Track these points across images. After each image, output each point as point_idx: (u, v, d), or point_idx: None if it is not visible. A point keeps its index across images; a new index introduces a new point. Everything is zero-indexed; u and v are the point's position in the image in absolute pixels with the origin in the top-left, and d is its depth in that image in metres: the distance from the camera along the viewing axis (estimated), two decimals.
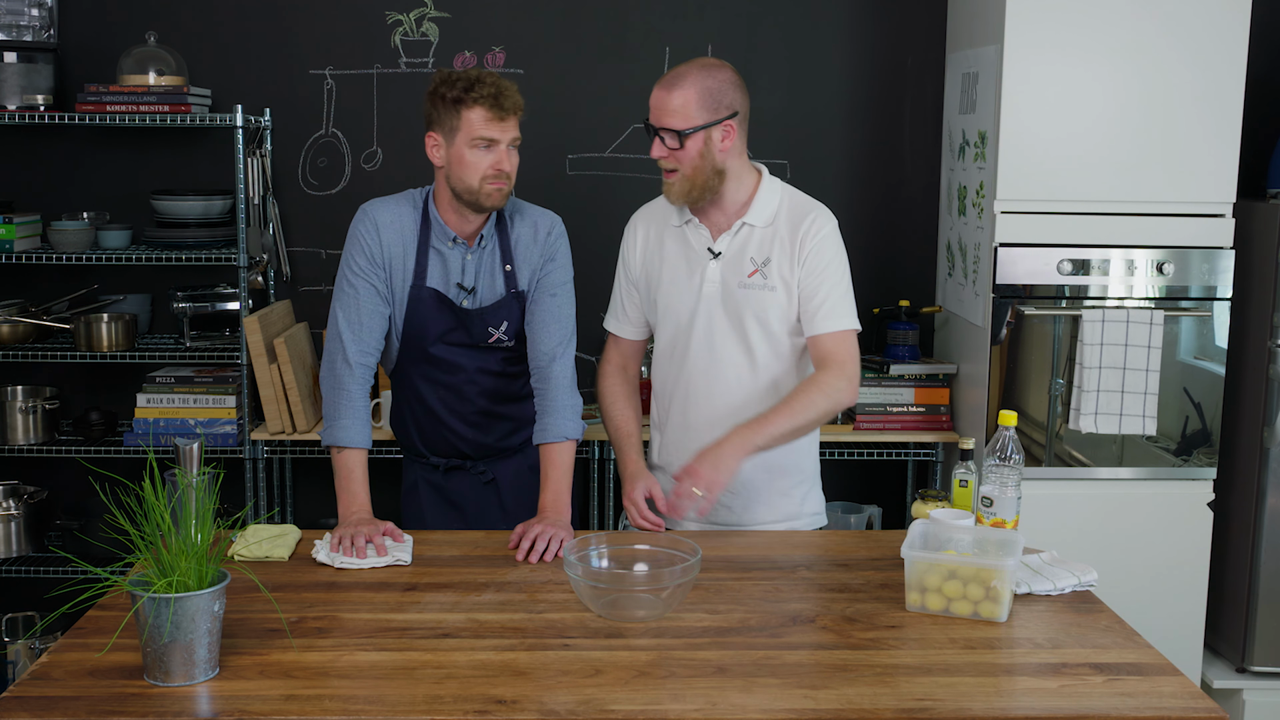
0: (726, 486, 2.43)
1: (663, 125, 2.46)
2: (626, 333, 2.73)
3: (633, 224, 2.71)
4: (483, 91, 2.43)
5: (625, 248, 2.70)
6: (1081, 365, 3.29)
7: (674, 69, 2.51)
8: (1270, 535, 3.35)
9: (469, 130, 2.44)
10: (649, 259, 2.65)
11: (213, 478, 2.04)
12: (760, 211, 2.56)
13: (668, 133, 2.46)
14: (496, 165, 2.47)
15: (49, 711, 1.72)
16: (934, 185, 3.86)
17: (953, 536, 2.20)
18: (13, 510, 3.61)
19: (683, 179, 2.50)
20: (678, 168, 2.49)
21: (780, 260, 2.55)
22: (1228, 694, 3.39)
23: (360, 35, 3.76)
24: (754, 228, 2.56)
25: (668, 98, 2.46)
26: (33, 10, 3.59)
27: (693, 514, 2.40)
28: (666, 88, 2.47)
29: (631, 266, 2.68)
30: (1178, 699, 1.80)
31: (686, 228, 2.60)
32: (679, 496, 2.38)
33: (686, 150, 2.46)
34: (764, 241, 2.56)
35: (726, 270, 2.57)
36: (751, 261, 2.56)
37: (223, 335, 3.66)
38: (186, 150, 3.79)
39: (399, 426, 2.79)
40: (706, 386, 2.60)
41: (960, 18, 3.65)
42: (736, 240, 2.57)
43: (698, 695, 1.79)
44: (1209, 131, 3.26)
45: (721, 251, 2.57)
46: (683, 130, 2.45)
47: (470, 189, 2.48)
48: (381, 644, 1.96)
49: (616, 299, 2.73)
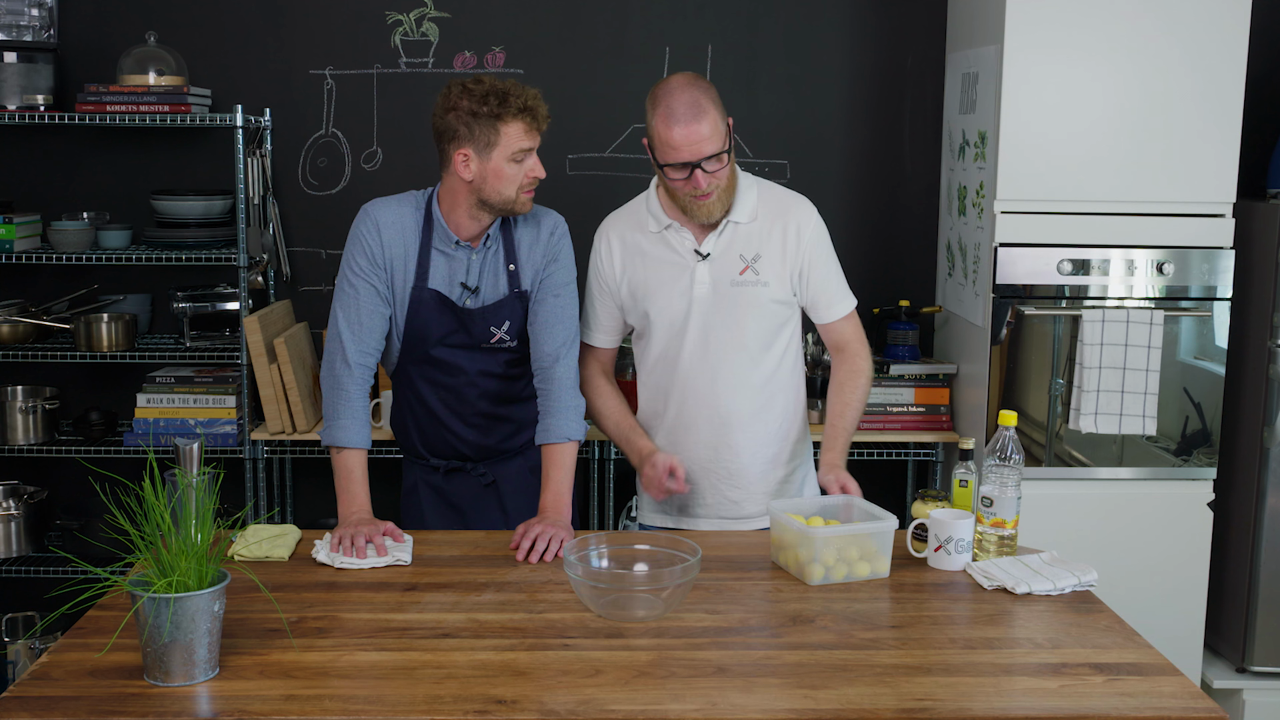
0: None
1: (704, 155, 2.43)
2: (602, 342, 2.74)
3: (604, 234, 2.69)
4: (518, 104, 2.42)
5: (599, 259, 2.68)
6: (1081, 365, 3.29)
7: (673, 100, 2.43)
8: (1270, 535, 3.35)
9: (508, 144, 2.43)
10: (629, 267, 2.64)
11: (213, 478, 2.04)
12: (743, 208, 2.59)
13: (712, 160, 2.44)
14: (532, 174, 2.48)
15: (49, 711, 1.72)
16: (934, 185, 3.86)
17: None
18: (13, 510, 3.61)
19: (721, 194, 2.51)
20: (716, 187, 2.49)
21: (771, 255, 2.58)
22: (1228, 694, 3.39)
23: (360, 35, 3.76)
24: (739, 224, 2.59)
25: (699, 128, 2.42)
26: (33, 10, 3.59)
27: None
28: (693, 121, 2.41)
29: (608, 277, 2.67)
30: (1178, 699, 1.80)
31: (667, 233, 2.61)
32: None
33: (727, 167, 2.49)
34: (751, 238, 2.59)
35: (716, 270, 2.58)
36: (741, 259, 2.58)
37: (223, 335, 3.66)
38: (186, 150, 3.79)
39: (399, 428, 2.79)
40: (705, 385, 2.62)
41: (960, 18, 3.65)
42: (723, 239, 2.58)
43: (698, 695, 1.79)
44: (1209, 131, 3.26)
45: (710, 252, 2.58)
46: (724, 150, 2.46)
47: (508, 200, 2.49)
48: (381, 644, 1.96)
49: (590, 310, 2.72)
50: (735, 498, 2.67)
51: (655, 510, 2.76)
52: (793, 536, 2.27)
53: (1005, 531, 2.31)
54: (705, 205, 2.50)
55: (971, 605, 2.16)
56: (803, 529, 2.24)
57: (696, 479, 2.67)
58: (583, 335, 2.73)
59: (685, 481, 2.57)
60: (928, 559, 2.34)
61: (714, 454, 2.65)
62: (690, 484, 2.65)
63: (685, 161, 2.44)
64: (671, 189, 2.51)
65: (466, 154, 2.45)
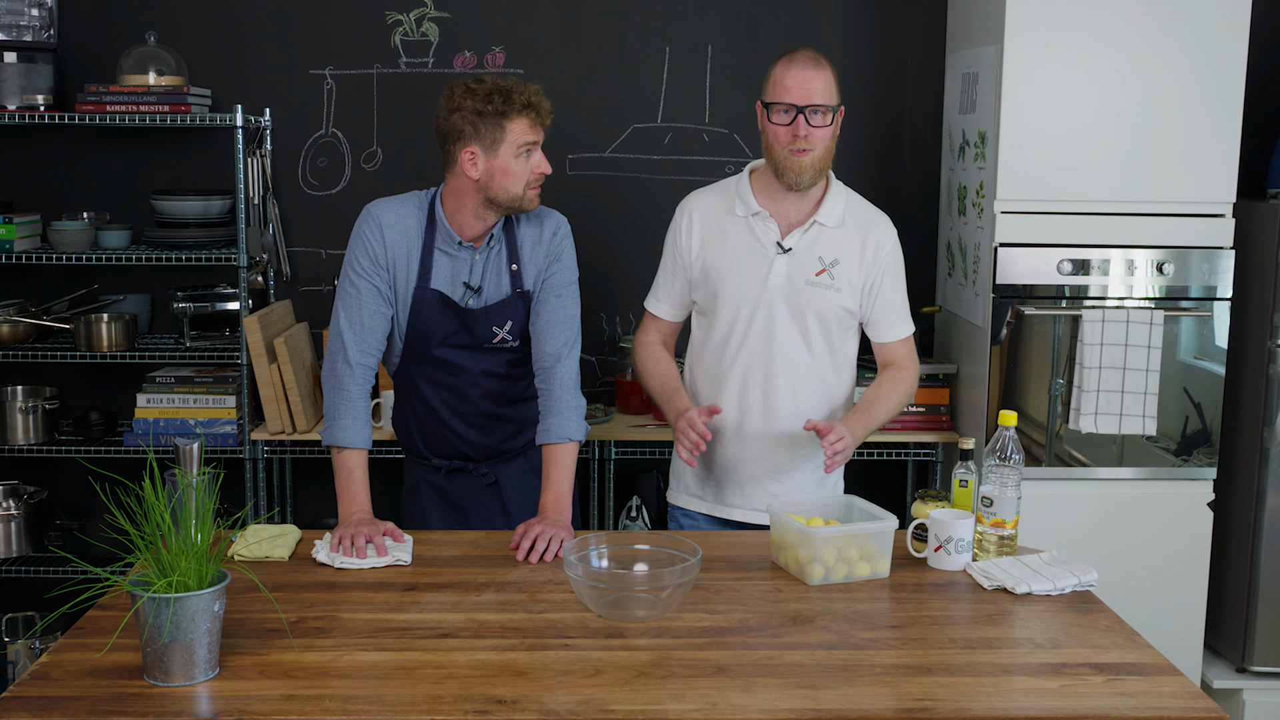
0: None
1: (812, 103, 2.48)
2: (666, 314, 2.76)
3: (686, 210, 2.70)
4: (522, 101, 2.44)
5: (678, 232, 2.70)
6: (1081, 365, 3.29)
7: (798, 52, 2.53)
8: (1270, 535, 3.35)
9: (513, 140, 2.45)
10: (709, 246, 2.65)
11: (213, 478, 2.04)
12: (831, 211, 2.61)
13: (818, 109, 2.49)
14: (538, 169, 2.50)
15: (49, 711, 1.72)
16: (934, 185, 3.86)
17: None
18: (13, 510, 3.61)
19: (816, 159, 2.53)
20: (813, 148, 2.51)
21: (849, 264, 2.61)
22: (1228, 694, 3.39)
23: (360, 35, 3.76)
24: (824, 227, 2.61)
25: (816, 76, 2.49)
26: (33, 10, 3.59)
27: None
28: (812, 66, 2.50)
29: (685, 251, 2.68)
30: (1178, 699, 1.81)
31: (753, 219, 2.62)
32: (829, 443, 2.45)
33: (832, 127, 2.52)
34: (834, 243, 2.61)
35: (793, 266, 2.60)
36: (820, 260, 2.60)
37: (223, 335, 3.66)
38: (186, 150, 3.79)
39: (401, 428, 2.79)
40: (762, 376, 2.64)
41: (960, 18, 3.65)
42: (807, 238, 2.61)
43: (698, 695, 1.79)
44: (1209, 131, 3.26)
45: (792, 247, 2.60)
46: (834, 106, 2.51)
47: (515, 197, 2.50)
48: (381, 644, 1.96)
49: (660, 281, 2.75)
50: (776, 491, 2.67)
51: (689, 493, 2.76)
52: (793, 536, 2.27)
53: (1005, 531, 2.32)
54: (799, 162, 2.51)
55: (971, 605, 2.16)
56: (803, 529, 2.24)
57: (742, 468, 2.68)
58: (648, 304, 2.77)
59: (722, 461, 2.65)
60: (928, 559, 2.34)
61: (764, 446, 2.65)
62: (734, 472, 2.68)
63: (793, 103, 2.48)
64: (771, 143, 2.54)
65: (473, 152, 2.46)
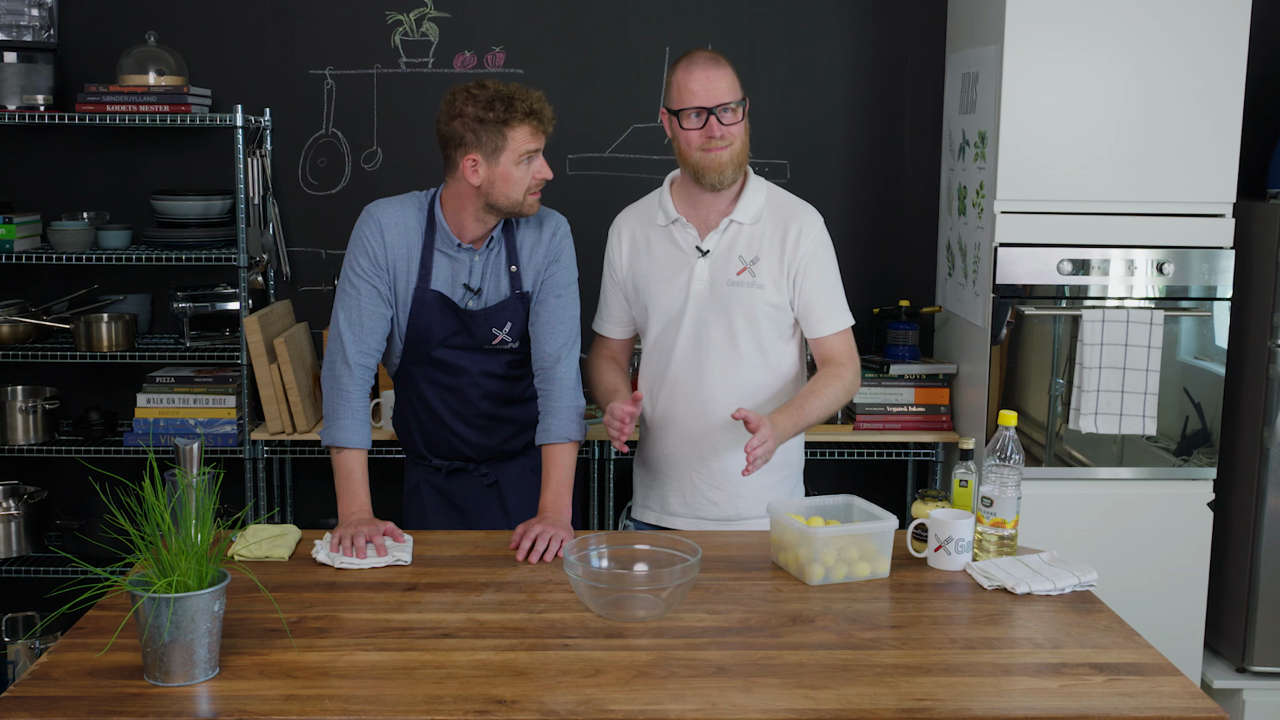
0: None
1: (719, 102, 2.49)
2: (612, 332, 2.76)
3: (617, 227, 2.72)
4: (524, 108, 2.44)
5: (611, 250, 2.71)
6: (1081, 365, 3.29)
7: (694, 55, 2.53)
8: (1270, 535, 3.35)
9: (515, 148, 2.45)
10: (635, 260, 2.66)
11: (213, 478, 2.04)
12: (747, 208, 2.59)
13: (727, 107, 2.49)
14: (539, 175, 2.50)
15: (49, 711, 1.72)
16: (934, 185, 3.86)
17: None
18: (13, 510, 3.61)
19: (735, 153, 2.53)
20: (730, 143, 2.52)
21: (769, 258, 2.58)
22: (1228, 694, 3.39)
23: (360, 35, 3.76)
24: (742, 225, 2.59)
25: (719, 75, 2.50)
26: (33, 10, 3.59)
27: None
28: (713, 66, 2.50)
29: (618, 269, 2.70)
30: (1178, 699, 1.80)
31: (673, 227, 2.62)
32: (749, 448, 2.36)
33: (744, 121, 2.53)
34: (752, 239, 2.59)
35: (714, 268, 2.59)
36: (740, 260, 2.58)
37: (223, 335, 3.66)
38: (186, 150, 3.79)
39: (401, 429, 2.79)
40: (692, 381, 2.62)
41: (960, 18, 3.65)
42: (725, 238, 2.59)
43: (698, 695, 1.79)
44: (1209, 131, 3.26)
45: (710, 250, 2.59)
46: (740, 100, 2.51)
47: (516, 202, 2.50)
48: (381, 644, 1.96)
49: (603, 301, 2.75)
50: (714, 499, 2.65)
51: (644, 505, 2.77)
52: (793, 536, 2.27)
53: (1005, 531, 2.31)
54: (718, 159, 2.51)
55: (971, 605, 2.16)
56: (803, 529, 2.24)
57: (678, 475, 2.67)
58: (596, 325, 2.77)
59: (659, 462, 2.65)
60: (928, 559, 2.34)
61: (696, 451, 2.64)
62: (672, 480, 2.67)
63: (703, 105, 2.48)
64: (685, 149, 2.53)
65: (475, 159, 2.45)
